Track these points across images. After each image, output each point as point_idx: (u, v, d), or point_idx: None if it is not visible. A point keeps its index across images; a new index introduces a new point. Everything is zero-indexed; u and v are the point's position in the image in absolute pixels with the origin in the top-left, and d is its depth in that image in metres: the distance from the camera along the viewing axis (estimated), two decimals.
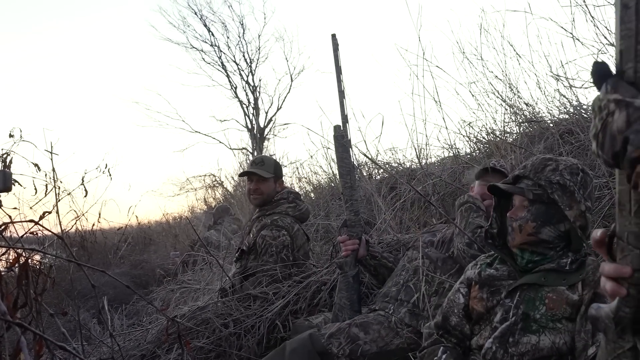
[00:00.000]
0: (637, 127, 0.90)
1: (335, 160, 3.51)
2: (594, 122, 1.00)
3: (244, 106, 21.94)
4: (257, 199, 4.23)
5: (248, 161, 18.59)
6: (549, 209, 2.08)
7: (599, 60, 1.01)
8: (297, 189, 8.58)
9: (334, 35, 3.42)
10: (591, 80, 1.02)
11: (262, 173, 4.16)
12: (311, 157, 7.84)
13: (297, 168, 8.84)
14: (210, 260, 5.26)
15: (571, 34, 4.65)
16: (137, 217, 10.72)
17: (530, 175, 2.11)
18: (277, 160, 4.59)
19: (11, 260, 1.78)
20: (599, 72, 1.00)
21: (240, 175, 4.69)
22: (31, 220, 2.04)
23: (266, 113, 21.97)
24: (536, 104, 5.20)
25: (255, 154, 19.95)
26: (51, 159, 5.80)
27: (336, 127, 3.40)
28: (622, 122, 0.92)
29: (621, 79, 0.97)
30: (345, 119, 3.41)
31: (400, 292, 2.95)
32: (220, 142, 21.43)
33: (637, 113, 0.91)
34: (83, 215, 7.93)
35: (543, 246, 2.08)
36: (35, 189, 4.88)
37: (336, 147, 3.42)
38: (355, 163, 6.99)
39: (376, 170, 6.30)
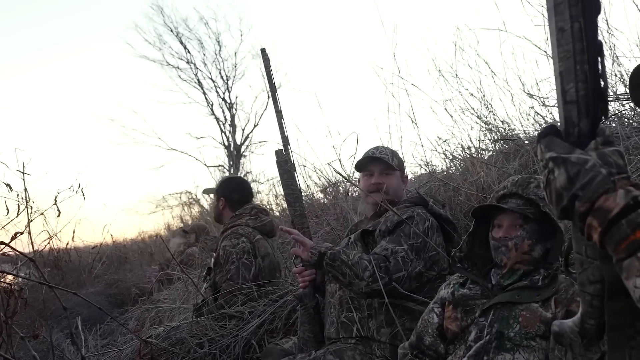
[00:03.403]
0: (581, 183, 0.94)
1: (282, 188, 3.24)
2: (542, 177, 1.03)
3: (221, 123, 21.99)
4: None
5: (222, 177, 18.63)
6: (540, 227, 2.12)
7: (551, 123, 1.06)
8: (274, 207, 8.57)
9: (263, 50, 3.20)
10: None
11: (211, 191, 4.50)
12: (296, 172, 7.82)
13: (274, 185, 8.83)
14: (185, 279, 5.22)
15: (545, 52, 4.70)
16: (112, 235, 10.61)
17: (519, 192, 2.14)
18: (233, 179, 4.65)
19: None
20: (541, 134, 1.04)
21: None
22: (2, 242, 2.02)
23: (243, 130, 22.01)
24: (511, 121, 5.25)
25: (232, 171, 19.94)
26: (23, 179, 5.73)
27: (278, 152, 3.16)
28: (564, 179, 0.96)
29: (555, 136, 1.02)
30: (286, 141, 3.17)
31: (339, 330, 2.85)
32: (196, 159, 21.41)
33: (575, 168, 0.95)
34: (56, 235, 7.84)
35: (533, 264, 2.11)
36: (7, 209, 4.82)
37: (280, 173, 3.19)
38: (333, 180, 7.02)
39: (352, 188, 6.31)
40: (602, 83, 1.00)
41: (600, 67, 1.00)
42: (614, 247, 0.90)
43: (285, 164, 3.16)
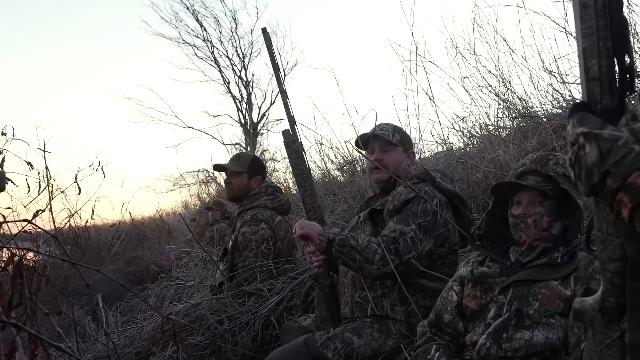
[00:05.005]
0: (614, 160, 0.92)
1: (291, 168, 3.23)
2: (569, 154, 1.01)
3: (237, 101, 22.01)
4: (229, 193, 4.37)
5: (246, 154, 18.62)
6: (559, 204, 2.11)
7: (579, 101, 1.04)
8: (290, 184, 8.59)
9: (264, 30, 3.20)
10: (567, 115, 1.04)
11: (233, 167, 4.26)
12: (304, 152, 7.82)
13: None
14: (204, 256, 5.26)
15: (564, 28, 4.67)
16: (130, 213, 10.72)
17: (537, 169, 2.13)
18: (260, 157, 4.51)
19: (5, 260, 1.78)
20: (573, 108, 1.02)
21: (214, 168, 4.75)
22: (24, 220, 2.04)
23: (259, 108, 22.04)
24: (529, 98, 5.22)
25: (249, 149, 20.00)
26: (44, 157, 5.79)
27: (285, 133, 3.18)
28: (595, 155, 0.95)
29: (588, 111, 1.00)
30: (292, 120, 3.18)
31: (353, 310, 2.87)
32: (213, 137, 21.51)
33: (607, 144, 0.94)
34: (76, 212, 7.92)
35: (552, 241, 2.11)
36: (29, 187, 4.87)
37: (289, 154, 3.19)
38: (350, 158, 7.01)
39: None
40: (628, 59, 0.99)
41: (625, 43, 0.99)
42: None
43: (292, 144, 3.15)
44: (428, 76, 4.99)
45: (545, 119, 4.84)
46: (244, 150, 20.06)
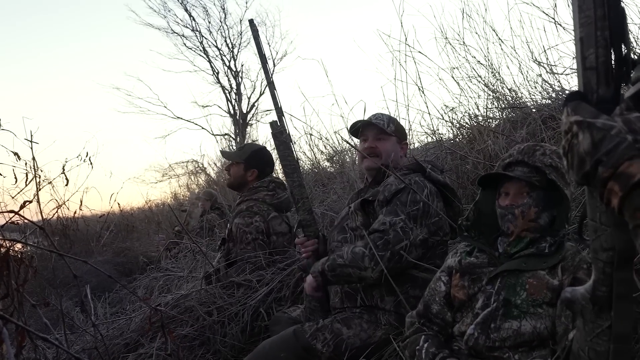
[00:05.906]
0: (606, 149, 0.92)
1: (279, 160, 3.23)
2: (562, 142, 1.02)
3: (226, 92, 21.92)
4: (228, 180, 4.51)
5: (231, 147, 18.56)
6: (546, 194, 2.11)
7: (574, 90, 1.04)
8: (279, 176, 8.58)
9: (251, 21, 3.20)
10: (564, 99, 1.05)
11: (232, 156, 4.39)
12: (293, 143, 7.83)
13: None
14: (194, 247, 5.25)
15: (553, 19, 4.68)
16: (119, 204, 10.67)
17: (524, 160, 2.13)
18: (264, 151, 4.51)
19: None
20: (568, 97, 1.02)
21: (220, 152, 4.86)
22: (11, 211, 2.03)
23: (249, 99, 21.95)
24: (519, 89, 5.22)
25: (238, 139, 19.95)
26: (31, 148, 5.78)
27: (272, 124, 3.17)
28: (588, 144, 0.95)
29: (582, 101, 1.00)
30: (280, 112, 3.17)
31: (343, 300, 2.89)
32: (202, 128, 21.43)
33: (600, 133, 0.94)
34: (64, 203, 7.89)
35: (540, 232, 2.11)
36: (16, 178, 4.85)
37: (277, 145, 3.19)
38: (339, 149, 7.00)
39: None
40: (625, 49, 0.99)
41: (623, 33, 0.99)
42: (632, 213, 0.89)
43: (280, 135, 3.16)
44: (417, 67, 4.99)
45: (534, 110, 4.84)
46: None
